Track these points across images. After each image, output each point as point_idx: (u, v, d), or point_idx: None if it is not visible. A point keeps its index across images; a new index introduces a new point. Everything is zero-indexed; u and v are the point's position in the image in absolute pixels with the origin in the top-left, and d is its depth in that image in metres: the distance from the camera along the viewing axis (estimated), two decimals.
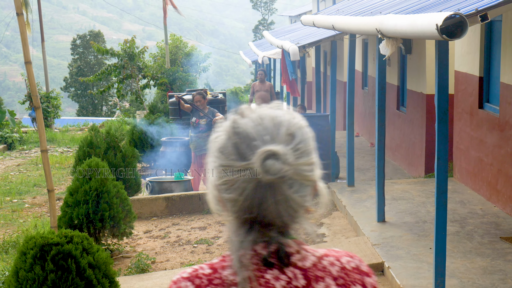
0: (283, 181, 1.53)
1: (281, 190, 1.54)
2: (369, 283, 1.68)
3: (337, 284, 1.63)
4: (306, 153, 1.60)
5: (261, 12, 65.09)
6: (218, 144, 1.59)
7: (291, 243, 1.62)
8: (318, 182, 1.64)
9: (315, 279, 1.62)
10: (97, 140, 11.14)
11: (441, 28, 4.77)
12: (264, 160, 1.51)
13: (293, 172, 1.54)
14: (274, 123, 1.58)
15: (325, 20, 10.26)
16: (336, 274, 1.64)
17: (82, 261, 5.34)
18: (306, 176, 1.57)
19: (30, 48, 7.35)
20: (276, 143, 1.55)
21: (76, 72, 49.57)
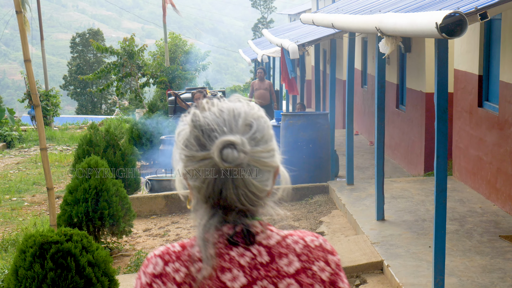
0: (241, 168, 1.67)
1: (241, 176, 1.67)
2: (332, 260, 1.79)
3: (300, 260, 1.74)
4: (264, 141, 1.72)
5: (260, 11, 65.06)
6: (181, 136, 1.72)
7: (256, 223, 1.74)
8: (279, 167, 1.79)
9: (278, 255, 1.73)
10: (97, 138, 11.14)
11: (440, 26, 4.77)
12: (222, 149, 1.64)
13: (250, 159, 1.68)
14: (233, 115, 1.71)
15: (324, 19, 10.25)
16: (299, 251, 1.75)
17: (82, 260, 5.34)
18: (264, 162, 1.71)
19: (29, 46, 7.35)
20: (233, 134, 1.67)
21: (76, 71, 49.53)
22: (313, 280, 1.75)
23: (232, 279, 1.70)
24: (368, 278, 6.91)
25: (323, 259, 1.78)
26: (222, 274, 1.70)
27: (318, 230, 8.74)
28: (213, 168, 1.67)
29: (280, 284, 1.72)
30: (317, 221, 9.24)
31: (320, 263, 1.77)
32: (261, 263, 1.72)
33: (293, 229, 1.85)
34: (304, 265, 1.75)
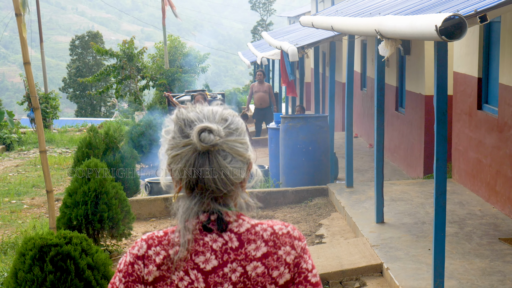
0: (216, 151, 1.95)
1: (216, 159, 1.94)
2: (298, 245, 2.01)
3: (267, 245, 1.97)
4: (237, 133, 2.00)
5: (259, 13, 65.09)
6: (167, 130, 2.01)
7: (230, 213, 1.99)
8: (253, 163, 2.04)
9: (247, 241, 1.97)
10: (96, 141, 11.13)
11: (440, 29, 4.77)
12: (200, 133, 1.93)
13: (225, 146, 1.96)
14: (211, 111, 2.01)
15: (324, 21, 10.26)
16: (267, 237, 1.99)
17: (81, 262, 5.34)
18: (237, 151, 1.97)
19: (28, 49, 7.35)
20: (210, 123, 1.97)
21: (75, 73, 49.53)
22: (277, 263, 1.97)
23: (204, 261, 1.95)
24: (368, 281, 6.91)
25: (289, 244, 2.00)
26: (196, 257, 1.95)
27: (318, 233, 8.74)
28: (193, 152, 1.95)
29: (247, 266, 1.95)
30: (317, 224, 9.23)
31: (286, 248, 1.99)
32: (231, 248, 1.96)
33: None
34: (271, 249, 1.98)
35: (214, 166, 1.94)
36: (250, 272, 1.96)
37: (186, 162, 1.96)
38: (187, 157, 1.96)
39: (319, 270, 7.01)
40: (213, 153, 1.95)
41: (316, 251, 7.73)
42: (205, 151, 1.95)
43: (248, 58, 27.86)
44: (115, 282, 2.02)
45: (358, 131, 17.08)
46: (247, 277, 1.96)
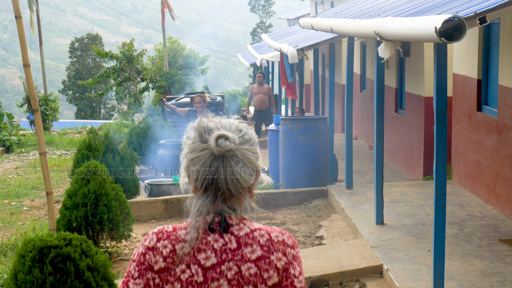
0: (230, 156, 2.21)
1: (230, 164, 2.20)
2: (290, 252, 2.26)
3: (262, 250, 2.21)
4: (250, 143, 2.26)
5: (259, 15, 65.12)
6: (188, 136, 2.26)
7: (233, 217, 2.24)
8: (261, 171, 2.31)
9: (245, 244, 2.21)
10: (96, 142, 11.13)
11: (440, 31, 4.77)
12: (217, 139, 2.19)
13: (238, 153, 2.21)
14: (228, 123, 2.27)
15: (323, 23, 10.26)
16: (263, 243, 2.23)
17: (81, 264, 5.34)
18: (249, 159, 2.23)
19: (28, 51, 7.35)
20: (227, 131, 2.22)
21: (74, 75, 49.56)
22: (269, 267, 2.21)
23: (205, 258, 2.20)
24: (368, 282, 6.91)
25: (281, 251, 2.24)
26: (198, 254, 2.20)
27: (317, 234, 8.74)
28: (210, 156, 2.21)
29: (242, 266, 2.19)
30: (316, 225, 9.23)
31: (278, 254, 2.23)
32: (230, 249, 2.21)
33: (290, 231, 2.22)
34: (264, 254, 2.22)
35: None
36: (244, 271, 2.20)
37: (203, 164, 2.21)
38: (204, 159, 2.21)
39: (319, 272, 7.01)
40: (227, 158, 2.21)
41: (316, 253, 7.73)
42: (220, 156, 2.21)
43: (248, 60, 27.88)
44: (130, 270, 2.26)
45: (358, 132, 17.08)
46: (241, 276, 2.20)
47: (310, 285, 6.92)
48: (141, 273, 2.23)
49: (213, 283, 2.19)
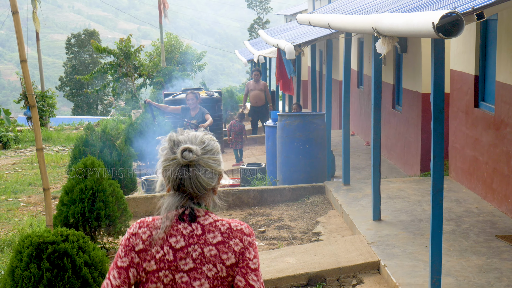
0: (194, 165, 2.73)
1: (194, 171, 2.73)
2: (246, 239, 2.77)
3: (222, 236, 2.74)
4: (211, 153, 2.78)
5: (256, 11, 65.06)
6: (163, 147, 2.79)
7: (200, 210, 2.77)
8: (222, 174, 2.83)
9: (208, 231, 2.75)
10: (93, 138, 11.12)
11: (437, 26, 4.77)
12: (183, 152, 2.71)
13: (201, 161, 2.74)
14: (194, 136, 2.79)
15: (321, 19, 10.26)
16: (223, 230, 2.76)
17: (78, 260, 5.34)
18: (210, 166, 2.76)
19: (25, 47, 7.33)
20: (192, 144, 2.74)
21: (71, 71, 49.46)
22: (227, 250, 2.73)
23: (175, 242, 2.73)
24: (365, 278, 6.91)
25: (239, 238, 2.76)
26: (170, 238, 2.73)
27: (315, 230, 8.74)
28: (178, 165, 2.73)
29: (205, 248, 2.72)
30: (314, 221, 9.24)
31: (236, 240, 2.75)
32: (196, 234, 2.74)
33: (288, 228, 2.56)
34: (224, 239, 2.74)
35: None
36: (206, 252, 2.72)
37: (173, 171, 2.74)
38: (174, 167, 2.74)
39: (316, 268, 7.01)
40: (191, 166, 2.73)
41: (313, 249, 7.74)
42: (186, 164, 2.73)
43: (245, 56, 27.84)
44: (119, 252, 2.79)
45: (355, 129, 17.09)
46: (203, 256, 2.72)
47: (307, 281, 6.92)
48: (126, 253, 2.77)
49: (181, 261, 2.73)
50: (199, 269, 2.73)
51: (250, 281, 2.74)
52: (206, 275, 2.73)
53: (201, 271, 2.73)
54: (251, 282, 2.74)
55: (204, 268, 2.73)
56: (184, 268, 2.73)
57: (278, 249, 7.92)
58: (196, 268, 2.73)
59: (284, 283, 6.86)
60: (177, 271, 2.73)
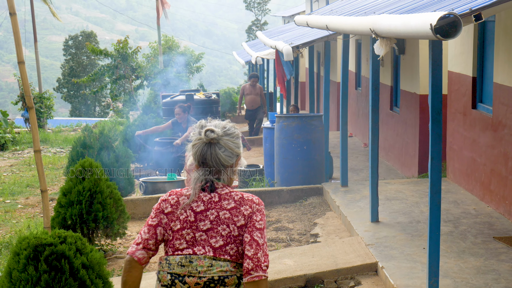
0: (214, 143, 3.35)
1: (214, 149, 3.35)
2: (254, 206, 3.35)
3: (235, 203, 3.35)
4: (231, 136, 3.39)
5: (254, 13, 65.06)
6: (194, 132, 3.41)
7: (219, 183, 3.38)
8: (240, 156, 3.44)
9: (224, 199, 3.36)
10: (91, 140, 11.11)
11: (435, 27, 4.77)
12: (206, 132, 3.35)
13: (220, 140, 3.35)
14: (219, 122, 3.41)
15: (318, 20, 10.26)
16: (236, 199, 3.36)
17: (76, 262, 5.32)
18: (229, 146, 3.37)
19: (23, 49, 7.33)
20: (215, 127, 3.37)
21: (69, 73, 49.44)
22: (238, 213, 3.32)
23: (196, 206, 3.35)
24: (363, 279, 6.91)
25: (249, 205, 3.35)
26: (193, 203, 3.36)
27: (312, 232, 8.74)
28: (202, 143, 3.37)
29: (220, 212, 3.33)
30: (311, 223, 9.23)
31: (246, 206, 3.34)
32: (214, 201, 3.36)
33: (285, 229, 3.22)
34: (237, 205, 3.34)
35: (212, 152, 3.35)
36: (221, 216, 3.32)
37: (198, 149, 3.37)
38: (199, 146, 3.37)
39: (314, 269, 7.01)
40: (213, 144, 3.35)
41: (310, 250, 7.73)
42: (208, 143, 3.35)
43: (243, 58, 27.85)
44: (151, 214, 3.43)
45: (353, 130, 17.09)
46: (219, 218, 3.32)
47: (305, 282, 6.92)
48: (156, 214, 3.41)
49: (200, 222, 3.33)
50: (215, 229, 3.31)
51: (255, 237, 3.28)
52: (220, 234, 3.30)
53: (216, 231, 3.30)
54: (255, 238, 3.28)
55: (219, 228, 3.30)
56: (203, 228, 3.32)
57: (276, 251, 7.92)
58: (212, 228, 3.31)
59: (282, 284, 6.86)
60: (197, 230, 3.32)
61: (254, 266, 3.24)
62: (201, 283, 3.27)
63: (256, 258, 3.25)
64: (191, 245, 3.31)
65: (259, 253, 3.25)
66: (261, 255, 3.25)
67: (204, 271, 3.28)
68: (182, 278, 3.29)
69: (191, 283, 3.28)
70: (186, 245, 3.32)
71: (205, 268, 3.28)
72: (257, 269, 3.24)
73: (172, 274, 3.32)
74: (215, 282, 3.27)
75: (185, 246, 3.32)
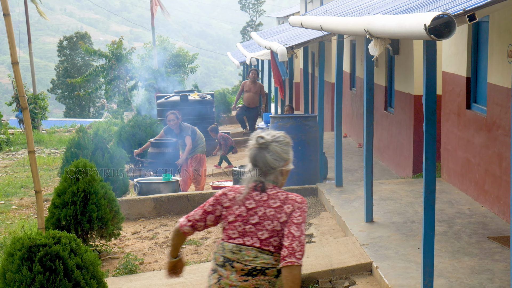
0: (264, 148, 3.90)
1: (264, 153, 3.90)
2: (296, 205, 3.87)
3: (280, 202, 3.87)
4: (279, 142, 3.93)
5: (249, 14, 65.11)
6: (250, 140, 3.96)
7: (269, 184, 3.92)
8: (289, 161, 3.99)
9: (271, 198, 3.89)
10: (85, 141, 11.10)
11: (429, 28, 4.78)
12: (257, 138, 3.90)
13: (270, 146, 3.90)
14: (270, 132, 3.95)
15: (313, 21, 10.26)
16: (282, 198, 3.89)
17: (70, 262, 5.32)
18: (277, 151, 3.91)
19: (16, 50, 7.31)
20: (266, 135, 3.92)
21: (63, 74, 49.36)
22: (282, 211, 3.85)
23: (249, 203, 3.90)
24: (357, 279, 6.92)
25: (291, 204, 3.87)
26: (246, 201, 3.91)
27: (307, 232, 8.74)
28: (255, 148, 3.92)
29: (267, 210, 3.86)
30: (306, 223, 9.24)
31: (288, 205, 3.86)
32: (262, 200, 3.89)
33: None
34: (281, 204, 3.86)
35: (262, 155, 3.89)
36: (267, 213, 3.86)
37: (251, 153, 3.92)
38: (252, 150, 3.92)
39: (308, 270, 7.01)
40: (263, 149, 3.89)
41: (305, 251, 7.72)
42: (258, 147, 3.90)
43: (238, 59, 27.84)
44: (209, 200, 3.99)
45: (348, 131, 17.11)
46: (265, 215, 3.86)
47: None
48: (214, 204, 3.97)
49: (250, 217, 3.87)
50: (262, 223, 3.85)
51: (292, 230, 3.79)
52: (266, 228, 3.85)
53: (263, 225, 3.85)
54: (292, 231, 3.79)
55: (265, 223, 3.85)
56: (252, 221, 3.87)
57: None
58: (260, 222, 3.85)
59: None
60: (247, 223, 3.87)
61: (289, 253, 3.74)
62: (246, 269, 3.84)
63: (291, 247, 3.76)
64: (241, 236, 3.88)
65: (294, 243, 3.76)
66: (296, 245, 3.76)
67: (250, 260, 3.85)
68: (232, 263, 3.87)
69: (238, 268, 3.86)
70: (238, 235, 3.89)
71: (251, 258, 3.85)
72: (291, 256, 3.73)
73: (225, 257, 3.90)
74: (257, 271, 3.83)
75: (237, 235, 3.89)
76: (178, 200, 10.48)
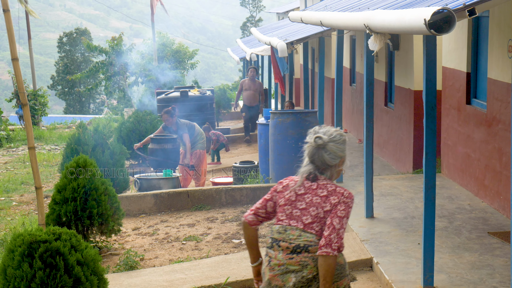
0: (321, 148, 4.15)
1: (321, 152, 4.17)
2: (341, 198, 4.13)
3: (328, 192, 4.16)
4: (335, 142, 4.17)
5: (249, 9, 65.05)
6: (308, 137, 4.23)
7: (321, 176, 4.21)
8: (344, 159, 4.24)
9: (320, 188, 4.17)
10: (85, 137, 11.10)
11: (429, 22, 4.77)
12: (315, 138, 4.16)
13: (326, 145, 4.15)
14: (328, 130, 4.23)
15: (313, 16, 10.25)
16: (329, 190, 4.16)
17: (71, 258, 5.32)
18: (333, 150, 4.17)
19: (16, 46, 7.30)
20: (323, 135, 4.18)
21: (63, 70, 49.36)
22: (327, 200, 4.13)
23: (299, 190, 4.20)
24: (358, 275, 6.92)
25: (337, 196, 4.13)
26: (298, 188, 4.21)
27: None
28: (312, 146, 4.17)
29: (314, 197, 4.16)
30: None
31: (334, 197, 4.13)
32: (312, 188, 4.19)
33: None
34: (328, 195, 4.14)
35: (319, 154, 4.16)
36: (314, 200, 4.15)
37: (309, 150, 4.19)
38: (310, 148, 4.19)
39: None
40: (320, 148, 4.15)
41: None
42: (316, 146, 4.15)
43: (238, 54, 27.82)
44: (268, 192, 4.34)
45: (348, 126, 17.10)
46: (312, 201, 4.15)
47: None
48: (272, 191, 4.32)
49: (298, 202, 4.17)
50: (307, 209, 4.15)
51: (333, 222, 4.07)
52: (310, 213, 4.14)
53: (308, 211, 4.14)
54: (333, 223, 4.06)
55: (310, 209, 4.14)
56: (299, 206, 4.17)
57: None
58: (306, 208, 4.15)
59: None
60: (295, 208, 4.18)
61: (326, 243, 4.03)
62: (291, 247, 4.13)
63: (329, 238, 4.04)
64: (288, 218, 4.18)
65: (332, 235, 4.03)
66: (334, 237, 4.02)
67: (294, 238, 4.14)
68: (278, 242, 4.18)
69: (284, 246, 4.15)
70: (285, 217, 4.19)
71: (295, 236, 4.14)
72: (327, 246, 4.01)
73: (272, 238, 4.22)
74: (300, 248, 4.11)
75: (284, 218, 4.19)
76: (178, 196, 10.48)
